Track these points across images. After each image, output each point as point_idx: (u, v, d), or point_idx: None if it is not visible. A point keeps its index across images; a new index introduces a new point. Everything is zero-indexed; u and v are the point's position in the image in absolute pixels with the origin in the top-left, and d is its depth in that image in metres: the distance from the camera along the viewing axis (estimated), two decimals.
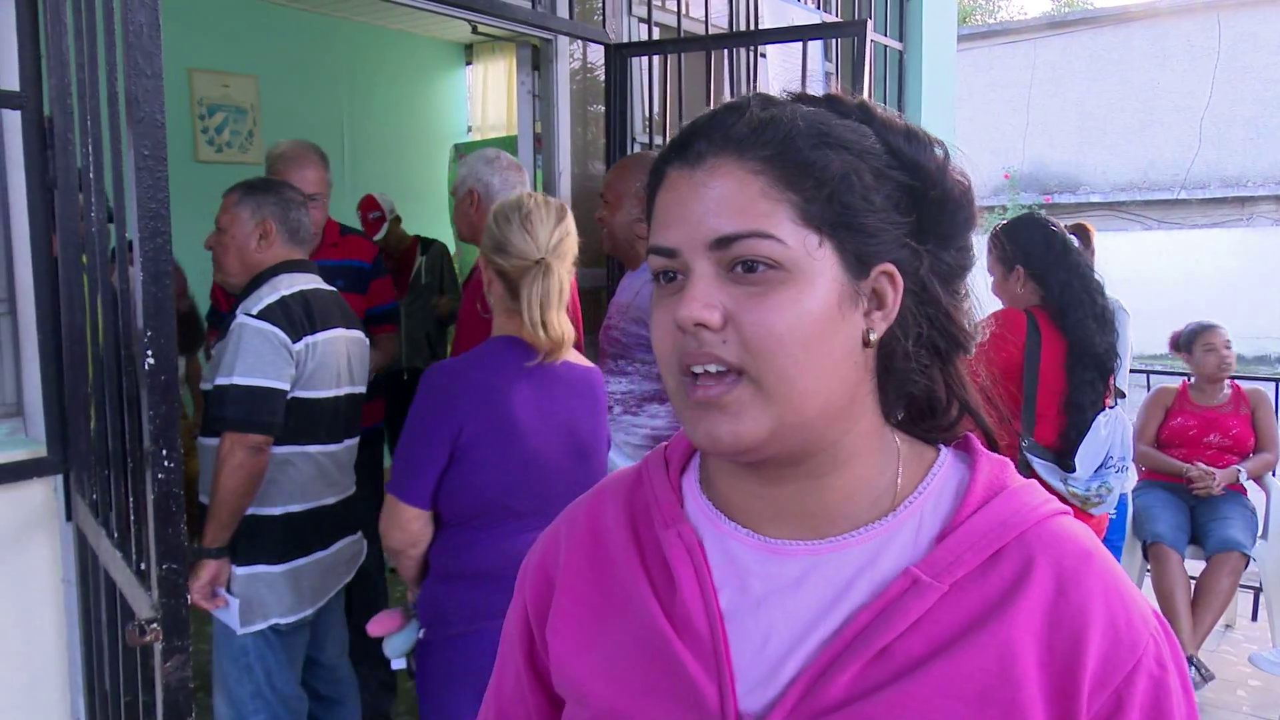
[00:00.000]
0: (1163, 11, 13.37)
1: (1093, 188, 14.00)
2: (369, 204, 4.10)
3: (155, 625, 1.27)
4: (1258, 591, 3.68)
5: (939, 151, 0.67)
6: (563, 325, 1.73)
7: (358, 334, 2.31)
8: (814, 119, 0.64)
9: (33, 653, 1.89)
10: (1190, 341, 3.78)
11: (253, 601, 2.08)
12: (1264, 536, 3.62)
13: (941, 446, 0.71)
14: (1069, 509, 0.67)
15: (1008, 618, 0.61)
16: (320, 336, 2.14)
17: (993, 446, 0.72)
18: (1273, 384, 4.34)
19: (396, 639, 1.83)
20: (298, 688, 2.24)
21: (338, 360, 2.20)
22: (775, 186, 0.62)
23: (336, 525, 2.25)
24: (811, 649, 0.64)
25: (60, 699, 1.93)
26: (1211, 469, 3.61)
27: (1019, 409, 2.48)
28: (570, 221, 1.80)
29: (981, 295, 0.76)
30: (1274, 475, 3.78)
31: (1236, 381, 3.84)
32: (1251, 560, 3.50)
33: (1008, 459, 0.70)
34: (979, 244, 0.76)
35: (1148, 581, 3.49)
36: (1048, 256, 2.50)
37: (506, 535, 1.73)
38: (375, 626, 1.83)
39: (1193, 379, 3.86)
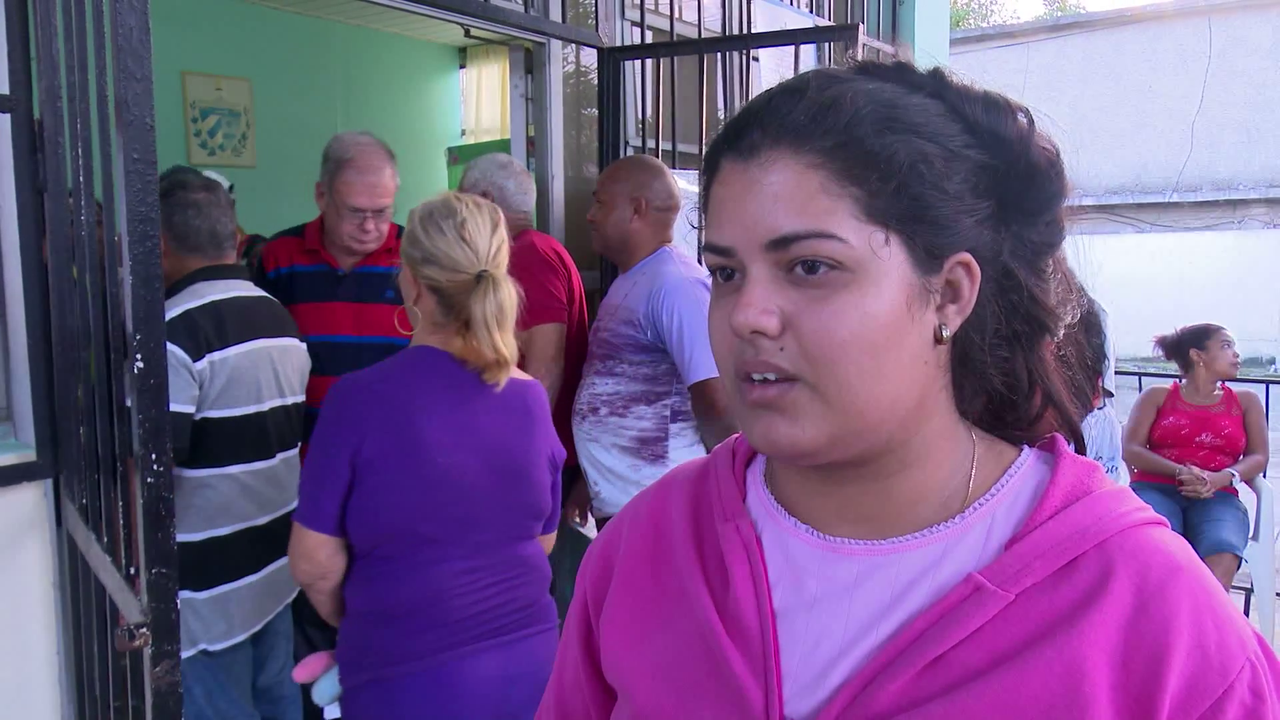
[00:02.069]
0: (1155, 15, 13.42)
1: (1086, 190, 14.03)
2: None
3: (144, 630, 1.26)
4: (1248, 593, 3.69)
5: (1022, 119, 0.61)
6: (510, 345, 1.62)
7: (289, 341, 2.17)
8: (879, 99, 0.58)
9: (22, 658, 1.88)
10: (1203, 338, 3.78)
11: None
12: (1254, 538, 3.64)
13: (1024, 447, 0.66)
14: (1163, 519, 0.62)
15: (1079, 632, 0.56)
16: (231, 351, 1.98)
17: (1079, 444, 0.66)
18: (1263, 386, 4.36)
19: (323, 684, 1.68)
20: (244, 706, 2.12)
21: (258, 373, 2.05)
22: (836, 181, 0.57)
23: (270, 546, 2.09)
24: (863, 654, 0.60)
25: (50, 704, 1.92)
26: (1202, 472, 3.62)
27: None
28: (504, 226, 1.68)
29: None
30: (1264, 477, 3.80)
31: (1227, 385, 3.86)
32: (1243, 561, 3.52)
33: (1097, 463, 0.64)
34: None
35: None
36: None
37: (422, 566, 1.59)
38: (301, 671, 1.71)
39: (1184, 380, 3.87)
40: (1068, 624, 0.56)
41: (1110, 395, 3.29)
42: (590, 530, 2.53)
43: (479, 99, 5.79)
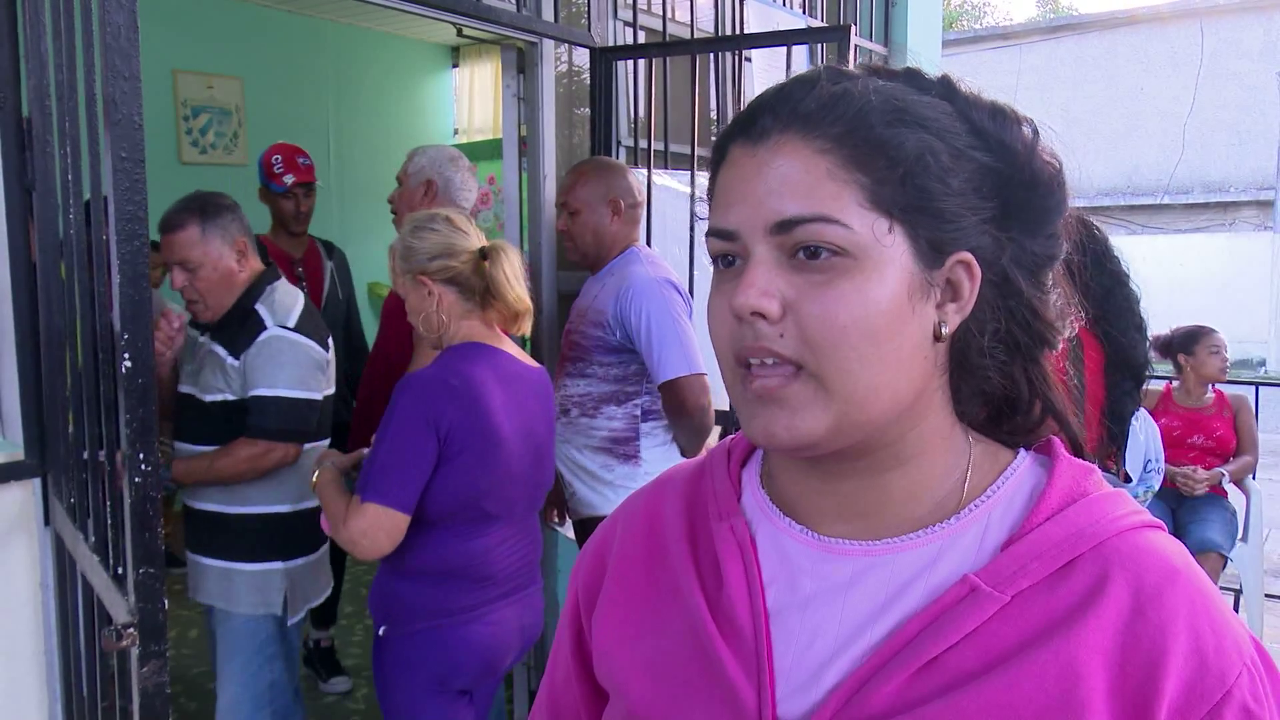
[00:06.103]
0: (1147, 17, 13.48)
1: (1078, 192, 13.79)
2: (294, 152, 3.19)
3: (132, 630, 1.26)
4: (1237, 593, 3.70)
5: (1027, 130, 0.62)
6: (526, 297, 1.89)
7: None
8: (889, 94, 0.59)
9: (10, 658, 1.87)
10: (1191, 343, 3.78)
11: (295, 592, 2.18)
12: (1243, 539, 3.65)
13: (1021, 450, 0.66)
14: (1160, 523, 0.61)
15: (1074, 635, 0.56)
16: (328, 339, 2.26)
17: (1078, 451, 0.66)
18: (1253, 388, 4.39)
19: None
20: (295, 674, 2.31)
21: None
22: (843, 167, 0.57)
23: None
24: (857, 655, 0.60)
25: (38, 704, 1.91)
26: (1195, 469, 3.64)
27: None
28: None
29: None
30: (1254, 478, 3.82)
31: (1218, 386, 3.88)
32: (1230, 562, 3.53)
33: (1094, 466, 0.64)
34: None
35: None
36: (1086, 260, 2.33)
37: (471, 535, 1.82)
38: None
39: (1176, 382, 3.88)
40: (1064, 627, 0.56)
41: None
42: (567, 530, 2.53)
43: (472, 98, 5.79)
